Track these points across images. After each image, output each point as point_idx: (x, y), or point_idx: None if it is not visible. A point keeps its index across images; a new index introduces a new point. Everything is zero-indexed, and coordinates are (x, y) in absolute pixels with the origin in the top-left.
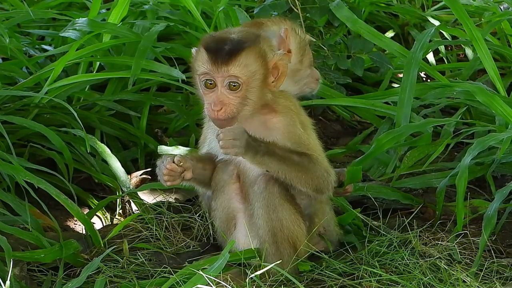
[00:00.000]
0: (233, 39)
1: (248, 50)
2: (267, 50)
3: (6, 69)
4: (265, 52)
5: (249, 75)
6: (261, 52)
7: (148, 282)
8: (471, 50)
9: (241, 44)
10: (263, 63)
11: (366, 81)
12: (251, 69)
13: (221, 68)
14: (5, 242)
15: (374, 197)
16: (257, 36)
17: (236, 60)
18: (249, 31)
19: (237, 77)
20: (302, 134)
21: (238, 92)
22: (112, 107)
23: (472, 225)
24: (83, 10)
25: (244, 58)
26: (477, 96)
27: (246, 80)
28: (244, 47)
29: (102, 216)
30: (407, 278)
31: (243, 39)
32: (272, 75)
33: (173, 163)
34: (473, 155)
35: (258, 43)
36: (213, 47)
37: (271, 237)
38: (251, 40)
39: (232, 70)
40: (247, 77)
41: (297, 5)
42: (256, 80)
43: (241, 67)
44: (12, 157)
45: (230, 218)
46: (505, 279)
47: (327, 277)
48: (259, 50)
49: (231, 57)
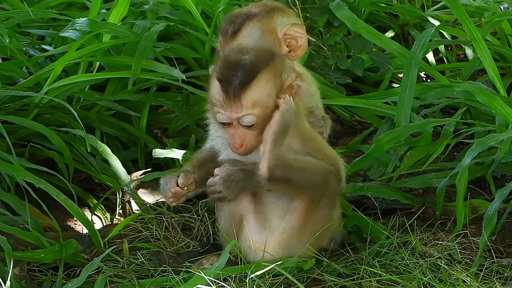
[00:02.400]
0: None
1: (260, 77)
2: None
3: (6, 69)
4: (279, 72)
5: (263, 106)
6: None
7: (148, 282)
8: (471, 50)
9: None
10: (277, 86)
11: (366, 81)
12: (264, 99)
13: (234, 106)
14: (5, 242)
15: (374, 197)
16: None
17: (248, 93)
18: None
19: (251, 115)
20: (309, 130)
21: (253, 128)
22: (112, 107)
23: (472, 225)
24: (83, 10)
25: (257, 87)
26: (477, 96)
27: (261, 113)
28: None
29: (102, 216)
30: (407, 278)
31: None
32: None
33: (177, 186)
34: (473, 155)
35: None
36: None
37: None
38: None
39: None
40: (261, 110)
41: (297, 5)
42: (271, 108)
43: (253, 104)
44: (12, 157)
45: (237, 218)
46: (505, 279)
47: (327, 278)
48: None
49: (242, 90)
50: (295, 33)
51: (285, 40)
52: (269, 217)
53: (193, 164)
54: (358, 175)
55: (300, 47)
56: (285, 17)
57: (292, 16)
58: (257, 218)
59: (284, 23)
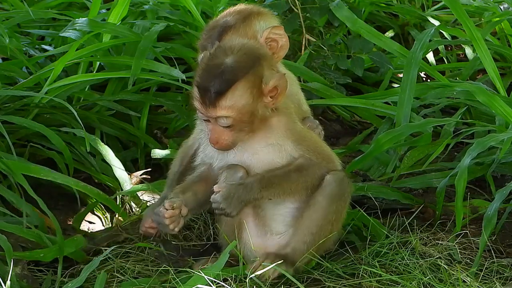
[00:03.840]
0: (224, 70)
1: (237, 86)
2: (264, 73)
3: (6, 69)
4: (260, 77)
5: (238, 111)
6: (255, 81)
7: (148, 281)
8: (471, 50)
9: (230, 81)
10: (257, 92)
11: (366, 81)
12: (240, 105)
13: (209, 109)
14: (6, 241)
15: (374, 197)
16: (256, 59)
17: (225, 101)
18: (250, 51)
19: (227, 116)
20: (302, 129)
21: (231, 128)
22: (112, 107)
23: (472, 225)
24: (83, 10)
25: (232, 96)
26: (477, 96)
27: (237, 116)
28: (232, 84)
29: (102, 216)
30: (407, 278)
31: (236, 70)
32: (270, 96)
33: (168, 210)
34: (472, 155)
35: (254, 69)
36: (202, 85)
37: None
38: (245, 69)
39: (223, 111)
40: (237, 114)
41: (297, 5)
42: (248, 113)
43: (228, 107)
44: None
45: (237, 222)
46: (505, 279)
47: (327, 278)
48: (252, 80)
49: (218, 98)
50: (275, 36)
51: (267, 44)
52: (269, 220)
53: (176, 191)
54: (358, 175)
55: (281, 48)
56: (262, 21)
57: (269, 17)
58: (257, 221)
59: (263, 28)
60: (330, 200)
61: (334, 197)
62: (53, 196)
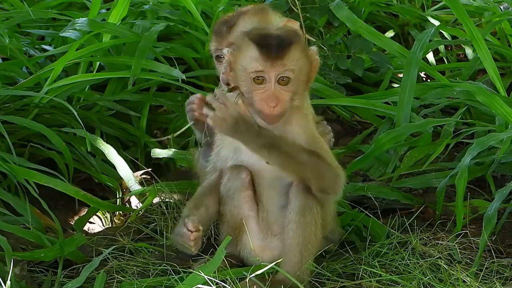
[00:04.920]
0: (279, 34)
1: (297, 45)
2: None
3: (6, 69)
4: (307, 47)
5: (299, 69)
6: (304, 48)
7: (148, 281)
8: (471, 50)
9: (289, 39)
10: (307, 57)
11: (366, 81)
12: (300, 64)
13: (275, 63)
14: (5, 242)
15: (374, 197)
16: (297, 32)
17: (289, 55)
18: (288, 28)
19: (291, 71)
20: (315, 131)
21: (289, 87)
22: (112, 107)
23: (472, 225)
24: (83, 10)
25: (295, 52)
26: (477, 96)
27: (298, 74)
28: (293, 41)
29: (102, 216)
30: (407, 278)
31: (288, 35)
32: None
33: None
34: (472, 155)
35: (301, 39)
36: (264, 42)
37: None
38: (295, 36)
39: (288, 64)
40: (298, 72)
41: (297, 5)
42: (304, 75)
43: (294, 61)
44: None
45: (238, 225)
46: (505, 279)
47: (327, 278)
48: (303, 46)
49: (284, 52)
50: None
51: None
52: (271, 223)
53: (190, 207)
54: (358, 175)
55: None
56: (277, 15)
57: (281, 15)
58: (258, 224)
59: (278, 20)
60: (301, 213)
61: (304, 210)
62: (54, 196)
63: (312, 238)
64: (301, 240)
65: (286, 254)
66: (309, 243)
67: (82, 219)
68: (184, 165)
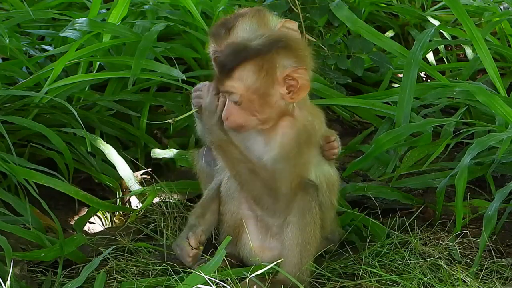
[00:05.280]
0: (241, 49)
1: (247, 64)
2: (280, 61)
3: (6, 69)
4: (273, 64)
5: (246, 89)
6: (264, 65)
7: (147, 281)
8: (471, 50)
9: (241, 58)
10: (268, 77)
11: (366, 81)
12: (247, 83)
13: (220, 81)
14: (5, 242)
15: (374, 197)
16: (272, 45)
17: (231, 75)
18: (274, 36)
19: (232, 92)
20: (293, 152)
21: (240, 106)
22: (112, 107)
23: (472, 225)
24: (83, 10)
25: (240, 72)
26: (477, 96)
27: (244, 94)
28: (242, 61)
29: (102, 216)
30: (407, 278)
31: (250, 51)
32: (287, 88)
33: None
34: (472, 155)
35: (266, 54)
36: (220, 59)
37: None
38: (258, 52)
39: (228, 84)
40: (244, 91)
41: (297, 5)
42: (257, 94)
43: (235, 82)
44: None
45: (238, 224)
46: (505, 279)
47: (327, 278)
48: (262, 63)
49: (228, 72)
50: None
51: None
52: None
53: (197, 214)
54: (358, 175)
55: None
56: (275, 17)
57: (279, 16)
58: (257, 224)
59: (276, 22)
60: (301, 214)
61: (303, 210)
62: (54, 196)
63: (311, 238)
64: (301, 241)
65: (286, 255)
66: (308, 243)
67: (82, 219)
68: (184, 165)
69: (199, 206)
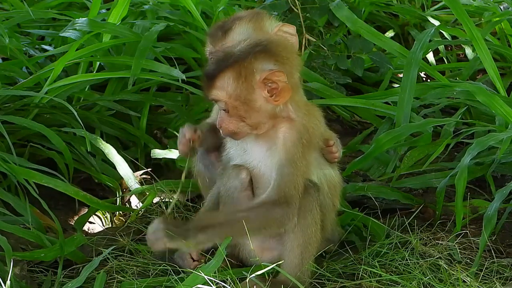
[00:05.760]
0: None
1: (227, 72)
2: (256, 65)
3: (6, 69)
4: (251, 70)
5: (228, 96)
6: (242, 72)
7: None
8: (471, 50)
9: (221, 67)
10: (247, 82)
11: (366, 81)
12: (229, 90)
13: (205, 91)
14: (5, 242)
15: (374, 197)
16: (249, 51)
17: (213, 84)
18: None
19: (218, 100)
20: (298, 154)
21: (228, 113)
22: (112, 107)
23: (472, 225)
24: (83, 10)
25: (221, 81)
26: (477, 96)
27: (228, 101)
28: (221, 70)
29: (102, 216)
30: (407, 278)
31: (229, 58)
32: (269, 92)
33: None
34: (472, 155)
35: (244, 60)
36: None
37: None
38: (236, 59)
39: (212, 93)
40: (228, 98)
41: (297, 5)
42: (240, 101)
43: (217, 91)
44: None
45: None
46: (505, 279)
47: (327, 278)
48: (240, 69)
49: (210, 81)
50: (285, 34)
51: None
52: None
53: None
54: (358, 175)
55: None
56: (273, 20)
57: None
58: None
59: (273, 25)
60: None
61: (304, 211)
62: (54, 196)
63: (312, 239)
64: (302, 242)
65: (287, 256)
66: (309, 244)
67: (82, 219)
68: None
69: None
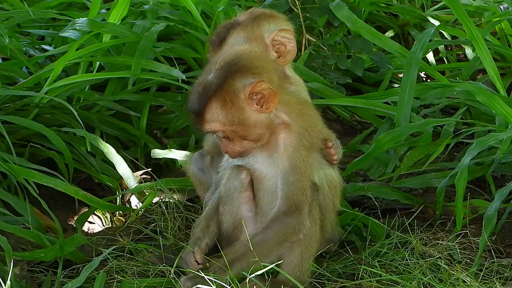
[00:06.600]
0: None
1: (211, 103)
2: (236, 86)
3: (6, 69)
4: (233, 90)
5: (223, 124)
6: (226, 96)
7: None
8: (471, 50)
9: (204, 100)
10: (234, 103)
11: (366, 81)
12: (221, 119)
13: (199, 127)
14: (5, 242)
15: (374, 197)
16: (225, 74)
17: (203, 119)
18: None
19: (214, 131)
20: (301, 159)
21: (229, 139)
22: (112, 107)
23: (472, 225)
24: (83, 10)
25: (209, 113)
26: (477, 96)
27: (225, 129)
28: (205, 103)
29: (102, 216)
30: (407, 278)
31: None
32: (257, 104)
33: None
34: (472, 155)
35: (223, 85)
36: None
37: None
38: (215, 86)
39: (205, 128)
40: (223, 127)
41: (297, 5)
42: (236, 124)
43: (211, 124)
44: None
45: (237, 225)
46: (505, 279)
47: (327, 278)
48: (223, 95)
49: (198, 118)
50: (282, 39)
51: (273, 46)
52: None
53: (201, 227)
54: (358, 175)
55: (289, 52)
56: (272, 23)
57: (281, 20)
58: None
59: (271, 29)
60: None
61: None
62: (53, 196)
63: (312, 239)
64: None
65: (287, 256)
66: (309, 244)
67: (82, 219)
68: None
69: (204, 218)
